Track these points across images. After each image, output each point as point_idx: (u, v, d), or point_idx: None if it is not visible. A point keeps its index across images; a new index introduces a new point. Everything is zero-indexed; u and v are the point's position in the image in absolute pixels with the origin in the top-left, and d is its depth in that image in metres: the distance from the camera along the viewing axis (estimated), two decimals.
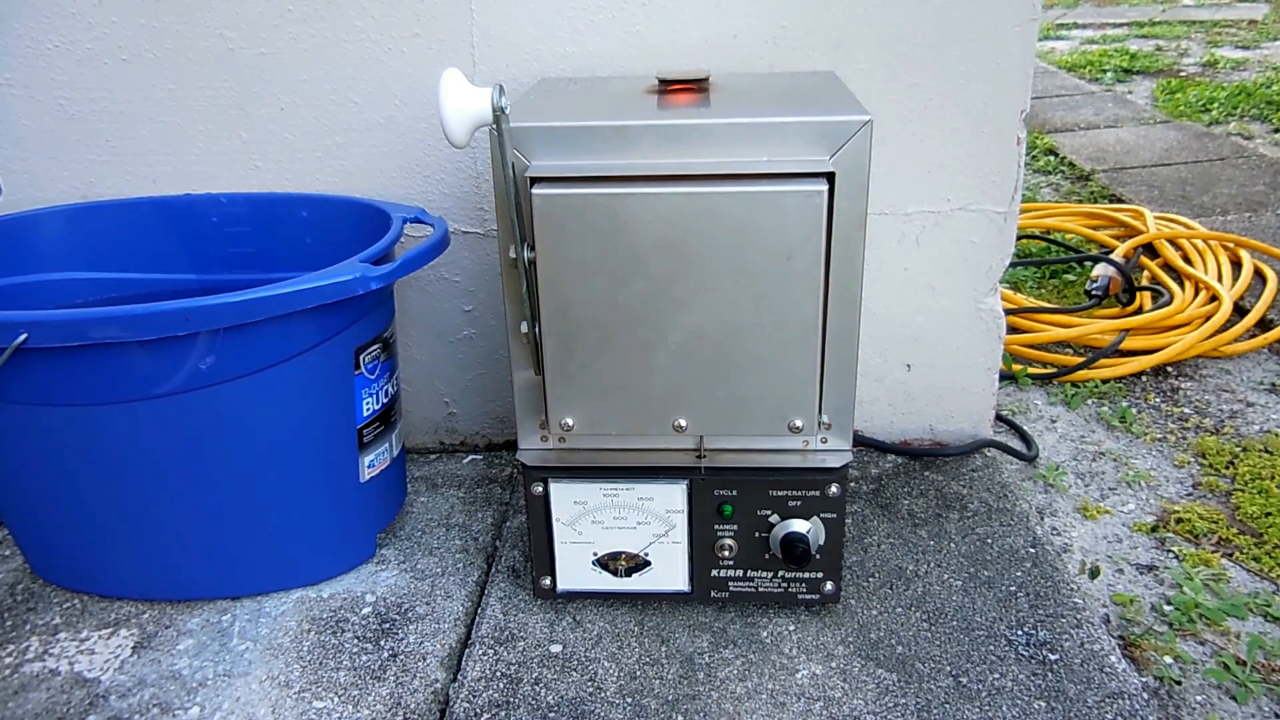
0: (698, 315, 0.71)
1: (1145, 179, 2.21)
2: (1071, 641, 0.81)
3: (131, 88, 1.01)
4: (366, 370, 0.89)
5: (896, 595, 0.88)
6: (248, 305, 0.75)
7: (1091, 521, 1.05)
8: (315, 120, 1.02)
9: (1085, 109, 2.95)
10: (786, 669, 0.80)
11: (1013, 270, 1.68)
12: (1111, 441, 1.21)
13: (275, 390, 0.82)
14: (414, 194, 1.05)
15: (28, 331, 0.73)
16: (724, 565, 0.83)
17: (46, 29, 0.99)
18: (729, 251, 0.69)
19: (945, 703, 0.76)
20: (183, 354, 0.77)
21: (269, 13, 0.97)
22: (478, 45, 0.98)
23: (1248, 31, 4.37)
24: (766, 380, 0.73)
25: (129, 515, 0.85)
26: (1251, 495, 1.08)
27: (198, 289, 1.04)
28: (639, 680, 0.79)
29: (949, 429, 1.14)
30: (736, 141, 0.69)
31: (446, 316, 1.11)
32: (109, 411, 0.79)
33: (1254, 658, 0.84)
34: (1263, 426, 1.22)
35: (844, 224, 0.70)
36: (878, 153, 0.76)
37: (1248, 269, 1.60)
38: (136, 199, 1.04)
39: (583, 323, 0.72)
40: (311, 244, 1.03)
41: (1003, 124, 0.99)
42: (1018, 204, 1.02)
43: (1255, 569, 0.96)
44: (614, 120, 0.70)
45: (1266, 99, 2.92)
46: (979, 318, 1.08)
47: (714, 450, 0.80)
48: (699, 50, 0.97)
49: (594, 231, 0.69)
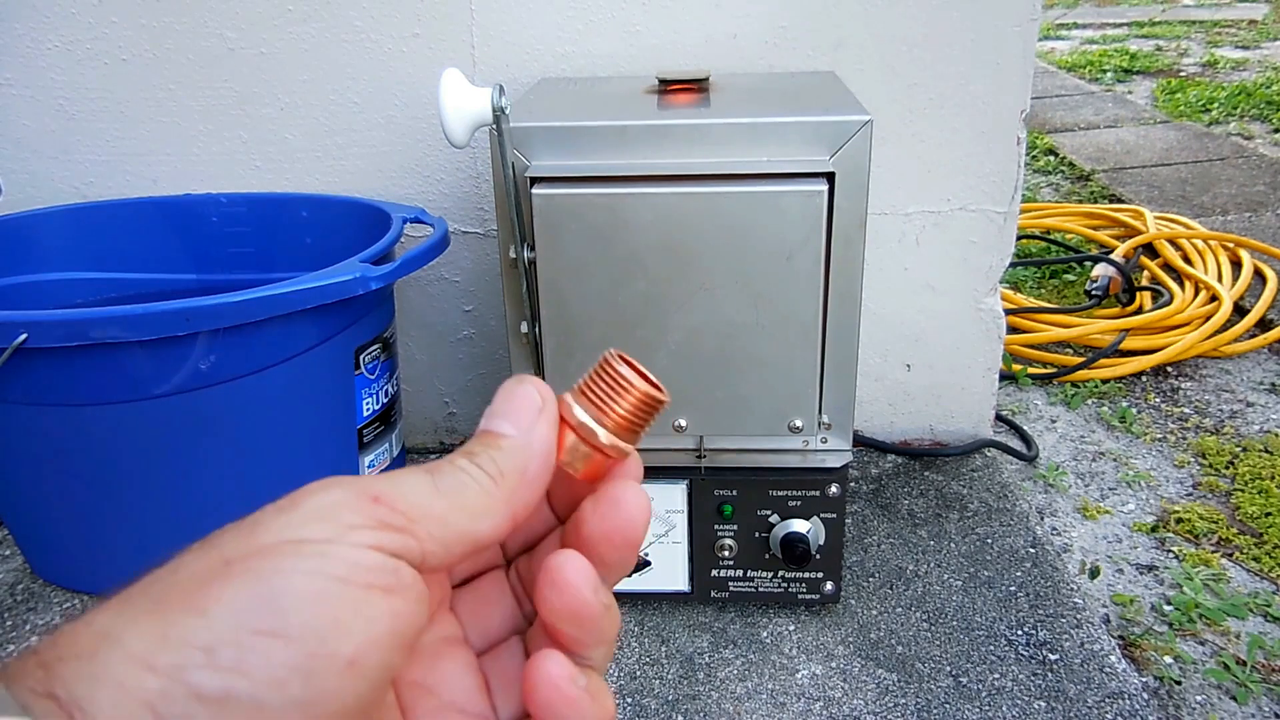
0: (698, 315, 0.71)
1: (1145, 179, 2.21)
2: (1071, 641, 0.81)
3: (131, 88, 1.01)
4: (366, 370, 0.89)
5: (896, 595, 0.88)
6: (248, 305, 0.75)
7: (1091, 521, 1.05)
8: (315, 120, 1.02)
9: (1085, 109, 2.95)
10: (786, 669, 0.80)
11: (1013, 270, 1.68)
12: (1111, 441, 1.21)
13: (275, 390, 0.82)
14: (414, 194, 1.05)
15: (28, 331, 0.73)
16: (724, 565, 0.83)
17: (46, 29, 0.99)
18: (729, 251, 0.69)
19: (945, 703, 0.76)
20: (183, 354, 0.77)
21: (269, 13, 0.97)
22: (478, 45, 0.98)
23: (1248, 31, 4.37)
24: (766, 380, 0.73)
25: (129, 515, 0.85)
26: (1251, 495, 1.08)
27: (198, 289, 1.04)
28: (639, 680, 0.79)
29: (949, 429, 1.14)
30: (736, 141, 0.69)
31: (446, 316, 1.11)
32: (109, 411, 0.79)
33: (1254, 658, 0.84)
34: (1263, 426, 1.22)
35: (844, 224, 0.70)
36: (878, 153, 0.76)
37: (1248, 269, 1.60)
38: (136, 199, 1.04)
39: (583, 323, 0.72)
40: (311, 244, 1.02)
41: (1003, 124, 0.99)
42: (1018, 204, 1.02)
43: (1255, 569, 0.96)
44: (614, 120, 0.70)
45: (1266, 99, 2.92)
46: (979, 318, 1.08)
47: (714, 450, 0.80)
48: (699, 50, 0.97)
49: (594, 231, 0.69)
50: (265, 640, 0.19)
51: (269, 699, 0.18)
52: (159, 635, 0.18)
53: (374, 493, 0.22)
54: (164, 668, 0.18)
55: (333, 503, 0.21)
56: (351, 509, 0.21)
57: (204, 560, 0.20)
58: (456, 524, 0.23)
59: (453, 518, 0.23)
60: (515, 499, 0.24)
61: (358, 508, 0.21)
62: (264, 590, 0.19)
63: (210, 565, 0.20)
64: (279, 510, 0.21)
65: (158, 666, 0.18)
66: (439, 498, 0.23)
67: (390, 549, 0.21)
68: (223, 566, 0.20)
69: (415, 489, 0.23)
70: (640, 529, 0.26)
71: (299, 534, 0.20)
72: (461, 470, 0.24)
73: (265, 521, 0.21)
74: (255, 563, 0.20)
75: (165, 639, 0.18)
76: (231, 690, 0.18)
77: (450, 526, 0.23)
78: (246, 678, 0.18)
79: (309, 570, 0.20)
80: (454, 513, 0.23)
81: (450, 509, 0.23)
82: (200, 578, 0.20)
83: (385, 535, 0.21)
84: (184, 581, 0.20)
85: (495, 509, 0.24)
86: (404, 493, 0.22)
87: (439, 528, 0.22)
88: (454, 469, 0.24)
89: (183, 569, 0.20)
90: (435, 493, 0.23)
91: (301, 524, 0.21)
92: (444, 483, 0.23)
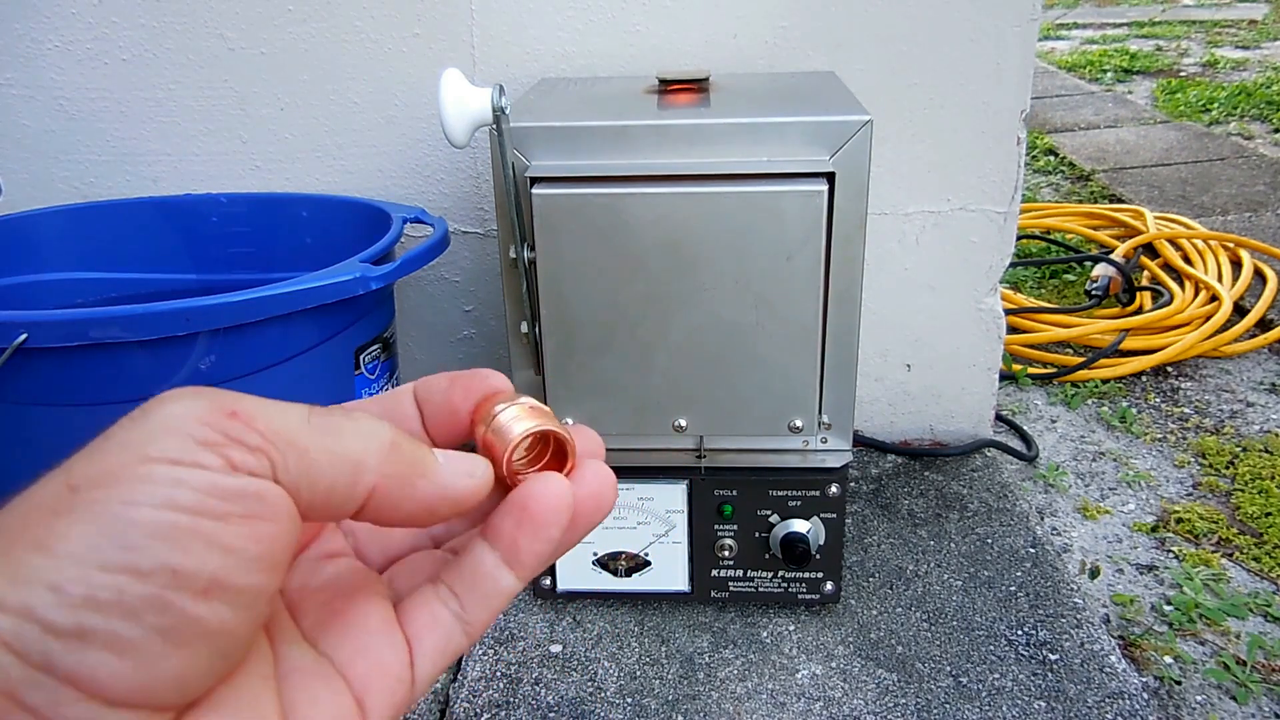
0: (698, 315, 0.71)
1: (1145, 179, 2.21)
2: (1071, 641, 0.81)
3: (131, 88, 1.01)
4: (366, 370, 0.89)
5: (896, 595, 0.88)
6: (248, 305, 0.75)
7: (1091, 521, 1.05)
8: (315, 120, 1.02)
9: (1085, 109, 2.95)
10: (786, 669, 0.80)
11: (1013, 270, 1.68)
12: (1111, 441, 1.21)
13: (275, 390, 0.82)
14: (414, 194, 1.05)
15: (28, 331, 0.73)
16: (724, 565, 0.83)
17: (46, 29, 0.99)
18: (729, 251, 0.69)
19: (945, 703, 0.76)
20: (183, 354, 0.77)
21: (269, 13, 0.97)
22: (478, 45, 0.98)
23: (1248, 31, 4.37)
24: (766, 380, 0.73)
25: None
26: (1251, 495, 1.08)
27: (198, 289, 1.04)
28: (639, 680, 0.79)
29: (949, 429, 1.14)
30: (736, 141, 0.69)
31: (446, 316, 1.11)
32: (109, 411, 0.79)
33: (1254, 658, 0.84)
34: (1263, 426, 1.22)
35: (844, 224, 0.70)
36: (878, 153, 0.76)
37: (1248, 269, 1.60)
38: (136, 199, 1.04)
39: (583, 323, 0.72)
40: (311, 244, 1.02)
41: (1003, 124, 0.99)
42: (1018, 204, 1.02)
43: (1255, 569, 0.96)
44: (614, 120, 0.70)
45: (1266, 99, 2.92)
46: (979, 318, 1.08)
47: (714, 450, 0.80)
48: (699, 50, 0.97)
49: (594, 231, 0.69)
50: (114, 576, 0.18)
51: (125, 631, 0.18)
52: (8, 576, 0.18)
53: (231, 407, 0.20)
54: (13, 606, 0.18)
55: (183, 413, 0.20)
56: (202, 422, 0.20)
57: (52, 485, 0.19)
58: (317, 463, 0.21)
59: (316, 455, 0.21)
60: (389, 474, 0.22)
61: (211, 420, 0.20)
62: (111, 525, 0.18)
63: (57, 494, 0.19)
64: (131, 422, 0.20)
65: (7, 605, 0.18)
66: (307, 430, 0.21)
67: (246, 469, 0.20)
68: (69, 495, 0.19)
69: (283, 414, 0.21)
70: (554, 528, 0.25)
71: (146, 451, 0.19)
72: (350, 423, 0.22)
73: (115, 435, 0.20)
74: (101, 493, 0.19)
75: (14, 578, 0.18)
76: (84, 624, 0.18)
77: (309, 462, 0.20)
78: (99, 611, 0.18)
79: (158, 501, 0.19)
80: (319, 451, 0.21)
81: (316, 447, 0.21)
82: (47, 509, 0.19)
83: (239, 453, 0.20)
84: (31, 514, 0.19)
85: (363, 472, 0.21)
86: (268, 414, 0.20)
87: (298, 460, 0.20)
88: (342, 412, 0.22)
89: (32, 498, 0.19)
90: (305, 425, 0.21)
91: (149, 439, 0.19)
92: (320, 421, 0.21)
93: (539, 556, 0.25)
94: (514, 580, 0.25)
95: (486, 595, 0.25)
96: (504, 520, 0.25)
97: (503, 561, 0.25)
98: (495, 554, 0.25)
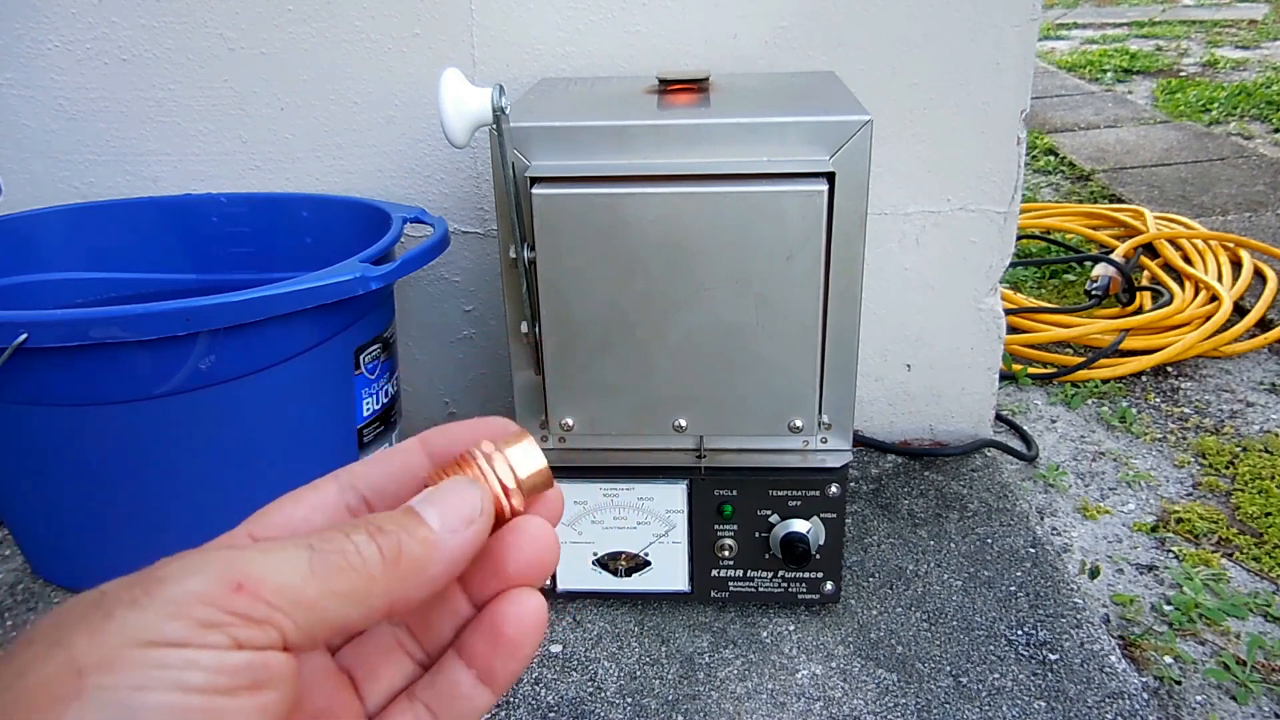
0: (698, 315, 0.71)
1: (1145, 179, 2.21)
2: (1071, 641, 0.81)
3: (131, 88, 1.01)
4: (366, 370, 0.89)
5: (896, 595, 0.88)
6: (248, 305, 0.75)
7: (1091, 521, 1.05)
8: (315, 120, 1.02)
9: (1085, 109, 2.95)
10: (786, 669, 0.80)
11: (1013, 270, 1.68)
12: (1111, 441, 1.21)
13: (275, 390, 0.82)
14: (414, 194, 1.05)
15: (28, 331, 0.73)
16: (724, 565, 0.83)
17: (46, 29, 0.99)
18: (729, 251, 0.69)
19: (945, 703, 0.76)
20: (183, 354, 0.77)
21: (269, 13, 0.97)
22: (478, 45, 0.98)
23: (1248, 31, 4.37)
24: (766, 380, 0.73)
25: (129, 515, 0.85)
26: (1251, 495, 1.08)
27: (198, 289, 1.04)
28: (639, 680, 0.79)
29: (949, 429, 1.14)
30: (736, 141, 0.69)
31: (446, 316, 1.11)
32: (109, 411, 0.79)
33: (1254, 658, 0.84)
34: (1263, 426, 1.22)
35: (844, 224, 0.70)
36: (878, 153, 0.76)
37: (1248, 269, 1.60)
38: (136, 199, 1.04)
39: (583, 323, 0.72)
40: (311, 244, 1.02)
41: (1003, 124, 0.99)
42: (1018, 204, 1.02)
43: (1255, 569, 0.96)
44: (614, 120, 0.70)
45: (1266, 99, 2.92)
46: (979, 318, 1.08)
47: (714, 450, 0.80)
48: (699, 50, 0.97)
49: (594, 231, 0.69)
50: None
51: None
52: None
53: (237, 578, 0.21)
54: None
55: (188, 595, 0.20)
56: (209, 602, 0.20)
57: (54, 665, 0.19)
58: (326, 610, 0.22)
59: (324, 603, 0.22)
60: (397, 591, 0.23)
61: (216, 599, 0.20)
62: (121, 714, 0.19)
63: (62, 675, 0.19)
64: (132, 602, 0.20)
65: None
66: (312, 580, 0.22)
67: (254, 645, 0.20)
68: (75, 678, 0.19)
69: (287, 569, 0.21)
70: (529, 647, 0.26)
71: (150, 635, 0.19)
72: (351, 548, 0.23)
73: (117, 615, 0.20)
74: (109, 679, 0.19)
75: None
76: None
77: (318, 612, 0.22)
78: None
79: (167, 684, 0.19)
80: (326, 598, 0.22)
81: (323, 594, 0.22)
82: (52, 693, 0.19)
83: (245, 631, 0.20)
84: (35, 693, 0.19)
85: (372, 598, 0.22)
86: (273, 575, 0.21)
87: (306, 615, 0.21)
88: (342, 542, 0.23)
89: (31, 673, 0.19)
90: (309, 575, 0.22)
91: (155, 623, 0.20)
92: (322, 563, 0.22)
93: (515, 675, 0.26)
94: (490, 697, 0.26)
95: (464, 714, 0.26)
96: (478, 642, 0.26)
97: (479, 680, 0.26)
98: (471, 673, 0.26)
